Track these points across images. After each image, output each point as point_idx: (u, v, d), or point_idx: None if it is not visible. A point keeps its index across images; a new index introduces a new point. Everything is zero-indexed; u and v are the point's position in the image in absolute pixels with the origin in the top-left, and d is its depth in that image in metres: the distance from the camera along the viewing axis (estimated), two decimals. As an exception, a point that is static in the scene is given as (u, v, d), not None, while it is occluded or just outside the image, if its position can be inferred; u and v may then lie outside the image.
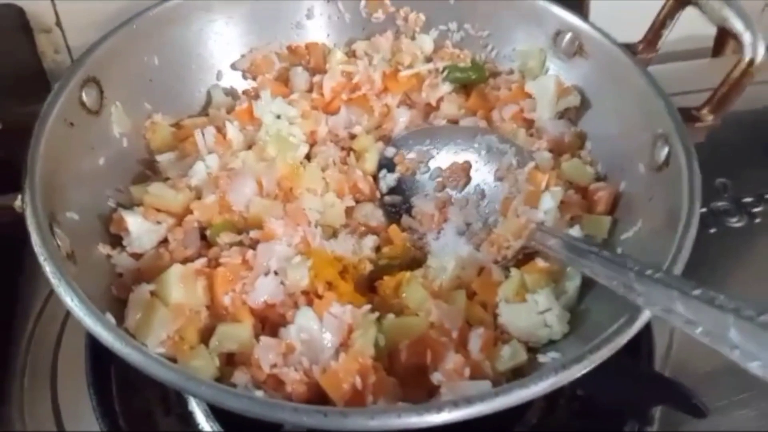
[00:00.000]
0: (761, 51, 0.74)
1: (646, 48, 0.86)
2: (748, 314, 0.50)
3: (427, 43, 0.96)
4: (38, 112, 0.71)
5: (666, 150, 0.74)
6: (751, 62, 0.75)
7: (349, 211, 0.83)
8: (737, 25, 0.75)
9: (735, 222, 1.04)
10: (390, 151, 0.89)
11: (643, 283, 0.57)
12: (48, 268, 0.58)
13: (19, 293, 0.88)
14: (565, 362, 0.55)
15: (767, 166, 1.11)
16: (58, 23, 1.11)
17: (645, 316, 0.57)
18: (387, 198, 0.86)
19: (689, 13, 0.81)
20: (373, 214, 0.84)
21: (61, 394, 0.80)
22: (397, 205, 0.86)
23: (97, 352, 0.78)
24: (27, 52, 1.12)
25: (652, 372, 0.81)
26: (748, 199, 1.07)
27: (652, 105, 0.77)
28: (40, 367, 0.82)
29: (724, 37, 1.35)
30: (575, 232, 0.75)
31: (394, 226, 0.81)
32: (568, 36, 0.88)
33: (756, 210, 1.06)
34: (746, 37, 0.74)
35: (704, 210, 1.02)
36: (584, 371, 0.55)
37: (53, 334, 0.83)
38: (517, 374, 0.67)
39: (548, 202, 0.76)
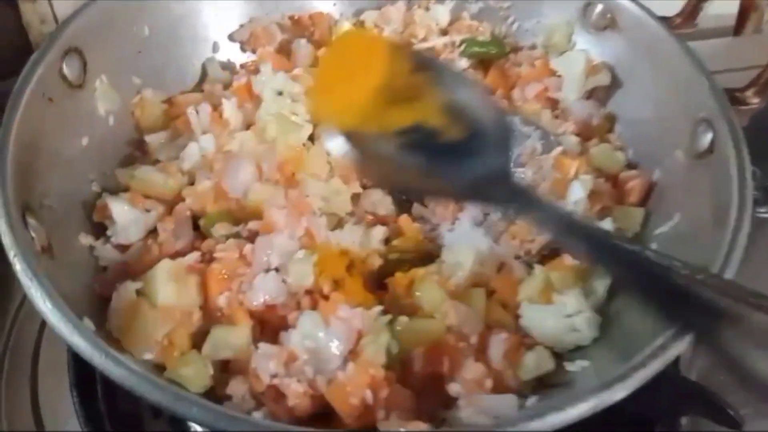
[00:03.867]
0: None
1: (684, 22, 0.79)
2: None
3: (442, 14, 0.89)
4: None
5: (710, 136, 0.67)
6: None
7: (355, 199, 0.76)
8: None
9: (764, 212, 0.98)
10: (401, 132, 0.83)
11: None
12: (18, 266, 0.51)
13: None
14: (605, 382, 0.48)
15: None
16: (45, -8, 1.04)
17: (694, 329, 0.51)
18: (397, 183, 0.80)
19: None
20: (382, 202, 0.77)
21: (41, 396, 0.74)
22: (408, 192, 0.80)
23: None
24: (11, 23, 1.05)
25: (681, 378, 0.74)
26: (779, 188, 1.01)
27: (694, 86, 0.70)
28: (19, 366, 0.76)
29: (745, 16, 1.28)
30: (607, 225, 0.69)
31: (405, 216, 0.74)
32: (600, 7, 0.81)
33: (787, 199, 0.99)
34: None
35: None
36: (625, 393, 0.48)
37: (33, 330, 0.77)
38: (541, 382, 0.62)
39: (578, 192, 0.70)
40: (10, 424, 0.72)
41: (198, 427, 0.71)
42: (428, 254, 0.72)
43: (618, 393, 0.48)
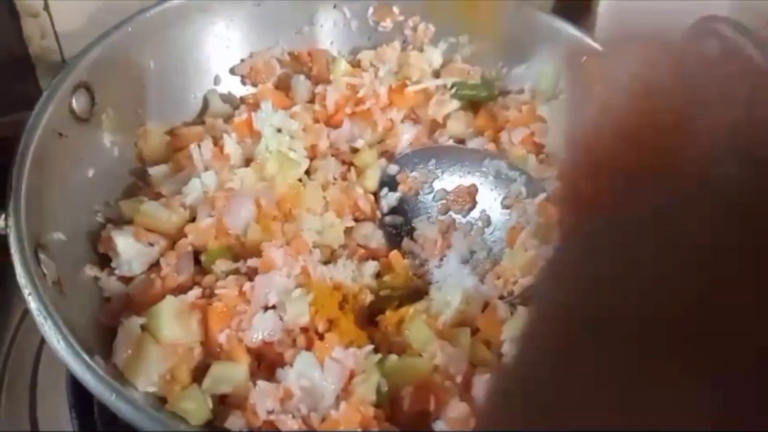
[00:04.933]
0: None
1: (663, 77, 0.83)
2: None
3: (435, 56, 0.92)
4: (23, 120, 0.67)
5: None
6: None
7: (347, 231, 0.79)
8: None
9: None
10: (393, 169, 0.86)
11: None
12: (33, 305, 0.54)
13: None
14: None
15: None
16: (46, 8, 1.05)
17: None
18: (387, 218, 0.83)
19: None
20: (373, 235, 0.81)
21: (40, 411, 0.75)
22: (398, 226, 0.83)
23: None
24: (12, 37, 1.06)
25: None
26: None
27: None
28: (18, 381, 0.77)
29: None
30: (586, 271, 0.73)
31: (395, 252, 0.78)
32: (585, 59, 0.85)
33: None
34: None
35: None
36: None
37: (33, 344, 0.78)
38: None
39: (559, 239, 0.73)
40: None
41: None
42: (417, 290, 0.75)
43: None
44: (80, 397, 0.73)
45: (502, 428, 0.26)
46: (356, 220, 0.81)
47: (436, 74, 0.92)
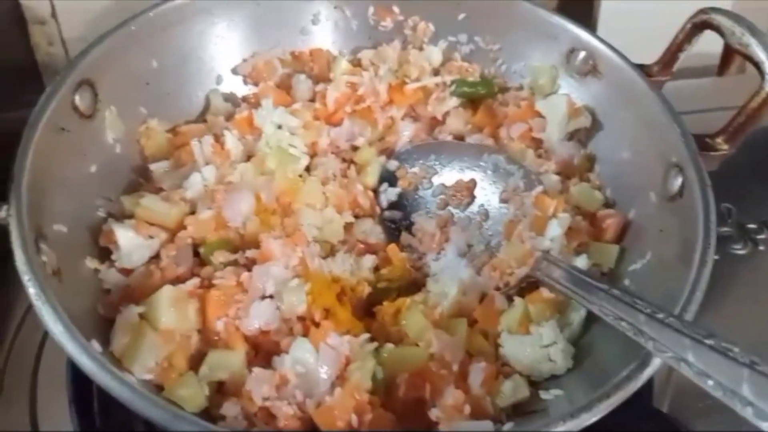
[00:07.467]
0: (782, 82, 0.72)
1: (661, 70, 0.83)
2: (764, 369, 0.48)
3: (435, 54, 0.93)
4: (29, 117, 0.68)
5: (680, 180, 0.71)
6: (771, 92, 0.72)
7: (347, 227, 0.80)
8: (759, 53, 0.73)
9: (739, 249, 1.01)
10: (392, 165, 0.87)
11: (654, 327, 0.54)
12: (32, 290, 0.55)
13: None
14: (573, 411, 0.52)
15: (774, 193, 1.09)
16: (54, 15, 1.07)
17: (656, 363, 0.55)
18: (387, 213, 0.84)
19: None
20: (373, 231, 0.81)
21: (40, 408, 0.76)
22: (397, 221, 0.83)
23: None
24: (20, 44, 1.09)
25: (650, 407, 0.78)
26: (753, 226, 1.04)
27: (667, 132, 0.75)
28: (19, 379, 0.78)
29: (729, 56, 1.32)
30: (582, 261, 0.73)
31: (393, 246, 0.78)
32: (582, 54, 0.86)
33: (760, 237, 1.02)
34: (767, 67, 0.72)
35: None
36: (593, 420, 0.52)
37: (33, 347, 0.79)
38: (517, 409, 0.65)
39: (555, 230, 0.74)
40: (9, 435, 0.74)
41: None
42: (414, 283, 0.76)
43: (585, 420, 0.52)
44: (80, 392, 0.74)
45: None
46: (356, 216, 0.82)
47: (436, 72, 0.93)
